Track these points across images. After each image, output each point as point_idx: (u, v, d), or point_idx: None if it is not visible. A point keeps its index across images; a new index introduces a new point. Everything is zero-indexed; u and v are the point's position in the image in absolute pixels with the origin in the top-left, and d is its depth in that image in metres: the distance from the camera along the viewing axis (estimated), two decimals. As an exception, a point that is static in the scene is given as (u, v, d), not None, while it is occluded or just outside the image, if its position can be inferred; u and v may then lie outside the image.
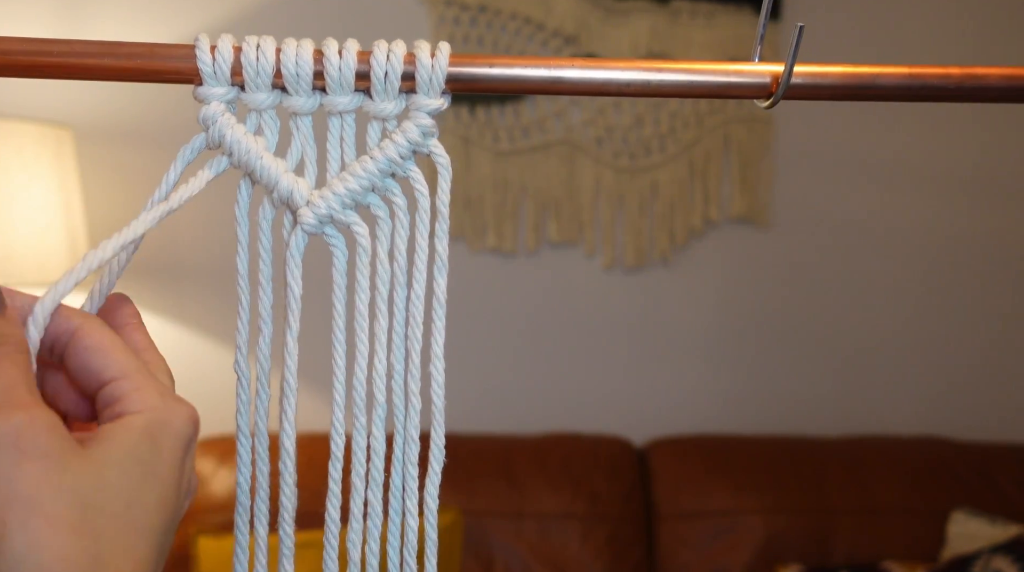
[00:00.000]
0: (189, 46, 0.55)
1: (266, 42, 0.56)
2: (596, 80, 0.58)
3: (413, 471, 0.60)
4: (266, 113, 0.57)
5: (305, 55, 0.56)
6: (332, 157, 0.59)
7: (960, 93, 0.59)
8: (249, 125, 0.57)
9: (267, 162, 0.56)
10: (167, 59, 0.55)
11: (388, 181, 0.59)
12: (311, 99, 0.57)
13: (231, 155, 0.56)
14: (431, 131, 0.58)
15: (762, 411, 2.49)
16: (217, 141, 0.56)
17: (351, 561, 0.59)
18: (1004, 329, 2.54)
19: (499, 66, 0.57)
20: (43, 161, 1.94)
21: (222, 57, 0.55)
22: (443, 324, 0.60)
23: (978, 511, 2.15)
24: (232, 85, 0.56)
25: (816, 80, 0.60)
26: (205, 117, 0.56)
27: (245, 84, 0.56)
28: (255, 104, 0.57)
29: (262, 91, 0.56)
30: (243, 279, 0.59)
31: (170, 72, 0.55)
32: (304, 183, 0.57)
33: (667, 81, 0.59)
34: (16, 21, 2.18)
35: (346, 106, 0.57)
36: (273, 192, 0.57)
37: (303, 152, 0.59)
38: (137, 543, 0.42)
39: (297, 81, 0.56)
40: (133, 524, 0.42)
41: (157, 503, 0.44)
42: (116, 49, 0.54)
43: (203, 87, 0.55)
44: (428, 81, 0.57)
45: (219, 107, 0.56)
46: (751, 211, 2.43)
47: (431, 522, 0.60)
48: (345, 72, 0.56)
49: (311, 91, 0.57)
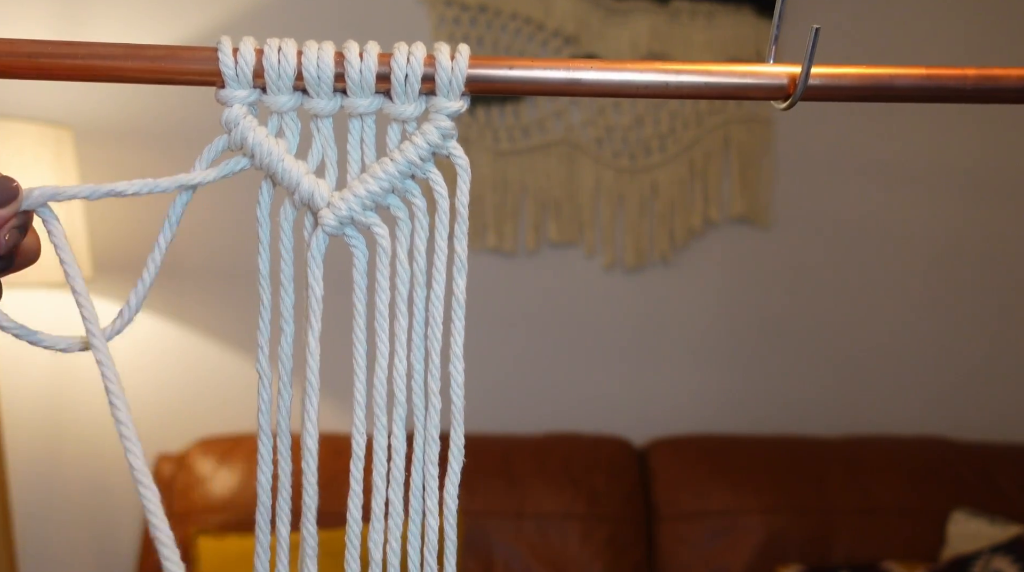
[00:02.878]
0: (211, 48, 0.55)
1: (287, 45, 0.56)
2: (614, 82, 0.59)
3: (433, 470, 0.61)
4: (287, 115, 0.58)
5: (326, 58, 0.56)
6: (352, 159, 0.59)
7: (976, 94, 0.60)
8: (271, 127, 0.57)
9: (288, 164, 0.57)
10: (190, 62, 0.55)
11: (408, 182, 0.59)
12: (332, 101, 0.57)
13: (253, 157, 0.57)
14: (450, 133, 0.59)
15: (762, 411, 2.49)
16: (239, 143, 0.56)
17: (372, 561, 0.60)
18: (1004, 329, 2.54)
19: (519, 68, 0.58)
20: (43, 161, 1.94)
21: (244, 60, 0.55)
22: (462, 324, 0.60)
23: (978, 511, 2.15)
24: (253, 87, 0.56)
25: (833, 81, 0.60)
26: (227, 119, 0.56)
27: (267, 86, 0.56)
28: (277, 106, 0.57)
29: (284, 93, 0.56)
30: (264, 279, 0.60)
31: (192, 74, 0.55)
32: (325, 185, 0.57)
33: (685, 83, 0.59)
34: (16, 21, 2.18)
35: (366, 108, 0.58)
36: (294, 194, 0.57)
37: (324, 154, 0.59)
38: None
39: (318, 83, 0.56)
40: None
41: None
42: (139, 52, 0.54)
43: (225, 90, 0.56)
44: (448, 83, 0.57)
45: (241, 110, 0.56)
46: (751, 211, 2.43)
47: (451, 522, 0.61)
48: (366, 74, 0.56)
49: (332, 93, 0.57)
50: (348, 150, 0.59)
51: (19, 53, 0.52)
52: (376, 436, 0.59)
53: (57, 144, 1.98)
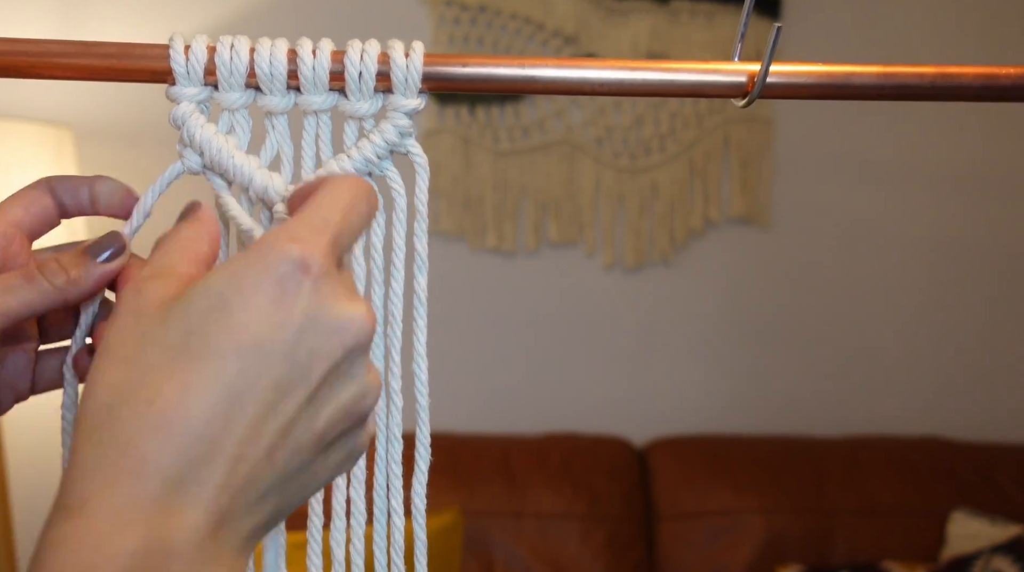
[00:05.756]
0: (163, 46, 0.55)
1: (240, 42, 0.56)
2: (570, 79, 0.59)
3: (397, 469, 0.61)
4: (238, 113, 0.58)
5: (279, 54, 0.56)
6: (307, 155, 0.59)
7: (935, 92, 0.60)
8: (221, 126, 0.57)
9: (239, 160, 0.57)
10: (140, 59, 0.55)
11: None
12: (286, 98, 0.57)
13: (202, 155, 0.57)
14: (408, 131, 0.59)
15: (762, 411, 2.48)
16: (187, 141, 0.56)
17: (335, 561, 0.59)
18: (1004, 329, 2.53)
19: (472, 65, 0.58)
20: (43, 161, 1.95)
21: (195, 57, 0.55)
22: (424, 322, 0.60)
23: (978, 511, 2.15)
24: (205, 85, 0.56)
25: (791, 79, 0.60)
26: (175, 117, 0.56)
27: (218, 83, 0.56)
28: (227, 103, 0.57)
29: (235, 90, 0.56)
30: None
31: (143, 71, 0.55)
32: (279, 178, 0.57)
33: (642, 80, 0.59)
34: (17, 21, 2.19)
35: (321, 105, 0.58)
36: (248, 190, 0.57)
37: (279, 149, 0.59)
38: (190, 368, 0.42)
39: (271, 80, 0.56)
40: (188, 353, 0.42)
41: (225, 332, 0.42)
42: (90, 49, 0.54)
43: (175, 87, 0.56)
44: (404, 81, 0.57)
45: (190, 107, 0.56)
46: (751, 211, 2.42)
47: (420, 523, 0.60)
48: (319, 71, 0.56)
49: (286, 90, 0.57)
50: (303, 146, 0.59)
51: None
52: None
53: (57, 144, 1.99)
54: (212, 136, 0.56)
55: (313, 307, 0.43)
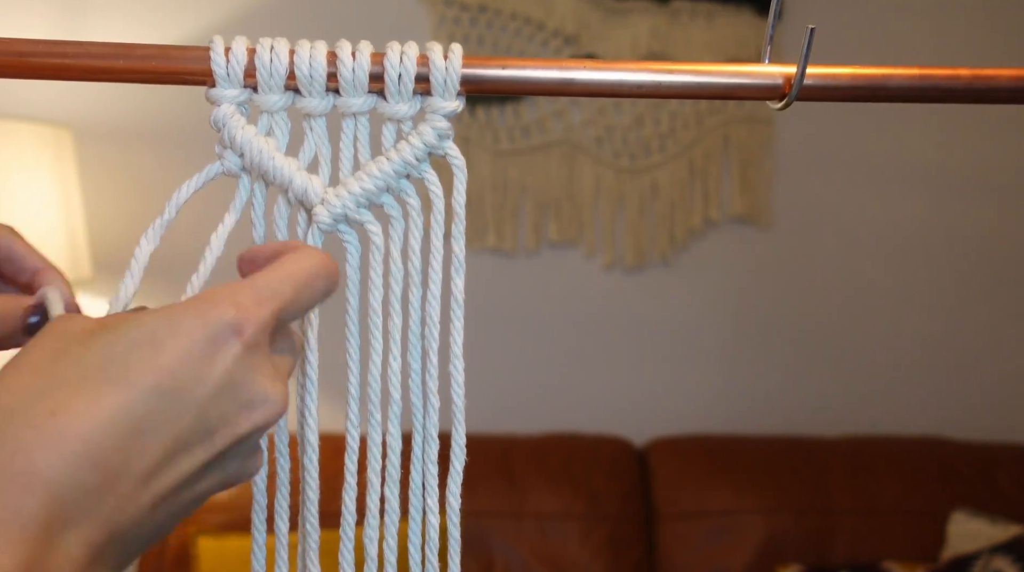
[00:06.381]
0: (204, 48, 0.55)
1: (280, 44, 0.56)
2: (608, 82, 0.59)
3: (433, 469, 0.61)
4: (277, 115, 0.57)
5: (319, 57, 0.56)
6: (345, 157, 0.59)
7: (969, 94, 0.60)
8: (260, 127, 0.57)
9: (279, 162, 0.56)
10: (181, 61, 0.55)
11: (403, 182, 0.59)
12: (324, 100, 0.57)
13: (242, 156, 0.57)
14: (447, 133, 0.59)
15: (762, 411, 2.49)
16: (228, 142, 0.56)
17: (369, 558, 0.60)
18: (1005, 329, 2.54)
19: (512, 67, 0.58)
20: (43, 161, 1.94)
21: (236, 59, 0.55)
22: (461, 324, 0.60)
23: (978, 511, 2.15)
24: (245, 87, 0.56)
25: (828, 82, 0.60)
26: (216, 119, 0.56)
27: (258, 86, 0.56)
28: (267, 106, 0.57)
29: (275, 92, 0.56)
30: None
31: (184, 73, 0.55)
32: (318, 180, 0.57)
33: (679, 82, 0.59)
34: (17, 21, 2.18)
35: (360, 107, 0.58)
36: (287, 191, 0.57)
37: (317, 151, 0.59)
38: (103, 390, 0.41)
39: (311, 82, 0.56)
40: (104, 376, 0.42)
41: (149, 368, 0.42)
42: (130, 51, 0.54)
43: (215, 89, 0.56)
44: (443, 83, 0.57)
45: (230, 109, 0.56)
46: (751, 211, 2.43)
47: (454, 521, 0.61)
48: (358, 74, 0.56)
49: (324, 92, 0.57)
50: (341, 148, 0.59)
51: (10, 52, 0.52)
52: (371, 433, 0.59)
53: (56, 144, 1.98)
54: (253, 138, 0.56)
55: (237, 373, 0.44)
